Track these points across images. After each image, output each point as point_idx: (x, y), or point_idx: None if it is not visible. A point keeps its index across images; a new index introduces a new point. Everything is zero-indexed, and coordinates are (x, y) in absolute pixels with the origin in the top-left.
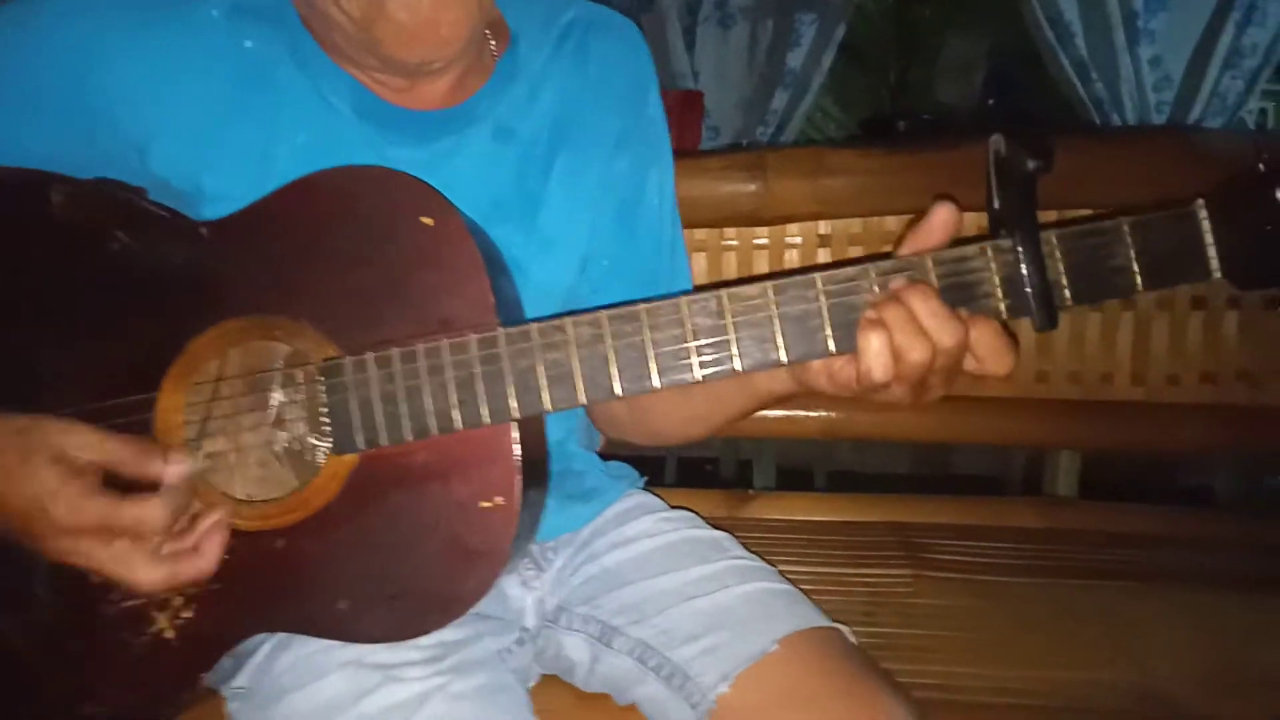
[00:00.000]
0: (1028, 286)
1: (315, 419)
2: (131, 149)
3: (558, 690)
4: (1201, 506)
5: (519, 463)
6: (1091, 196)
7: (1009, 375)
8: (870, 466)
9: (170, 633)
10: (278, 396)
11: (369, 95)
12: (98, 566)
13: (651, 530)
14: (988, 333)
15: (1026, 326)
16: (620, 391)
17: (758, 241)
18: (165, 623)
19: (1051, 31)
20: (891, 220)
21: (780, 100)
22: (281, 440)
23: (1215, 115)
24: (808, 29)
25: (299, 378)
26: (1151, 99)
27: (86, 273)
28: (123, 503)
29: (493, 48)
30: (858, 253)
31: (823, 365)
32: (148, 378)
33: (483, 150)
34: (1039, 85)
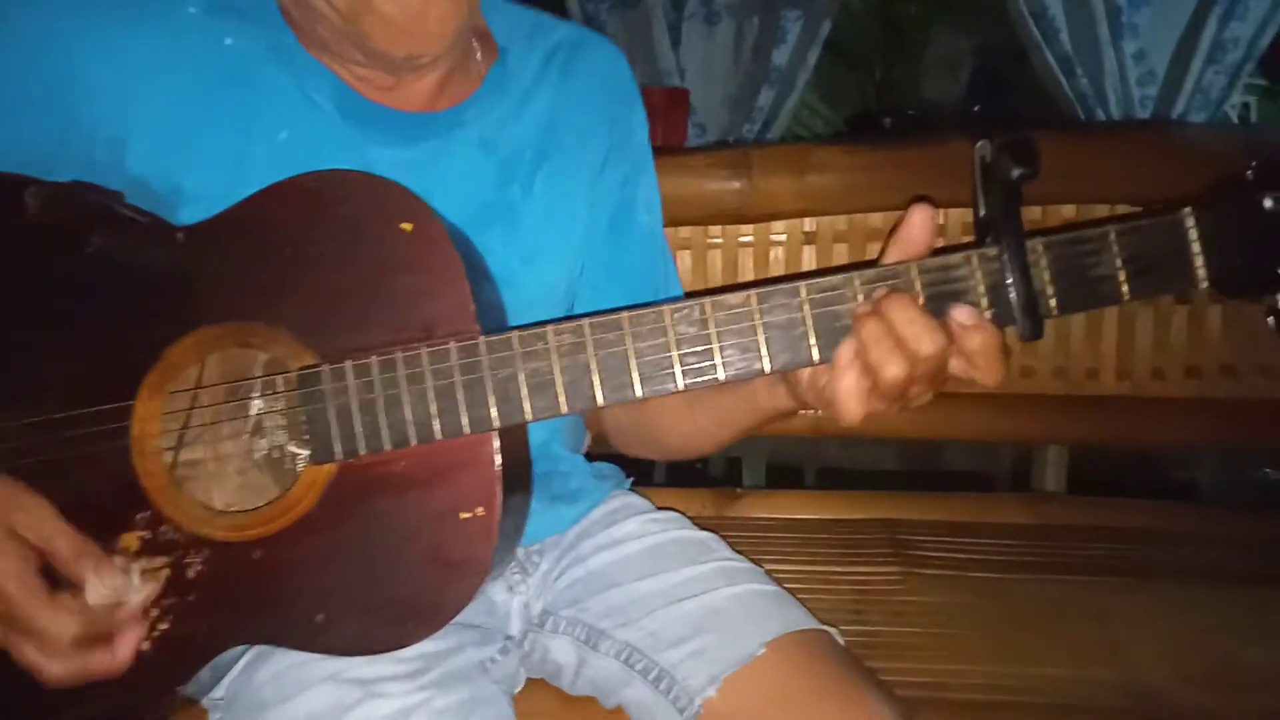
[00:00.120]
0: (1013, 295)
1: (295, 427)
2: (107, 149)
3: (543, 694)
4: (1188, 500)
5: (500, 472)
6: (1077, 192)
7: None
8: (859, 463)
9: (146, 644)
10: (257, 404)
11: (352, 93)
12: (6, 646)
13: (638, 532)
14: (991, 343)
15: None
16: (602, 401)
17: (743, 239)
18: (142, 633)
19: (1036, 27)
20: (876, 217)
21: (766, 97)
22: (261, 448)
23: (1199, 110)
24: (793, 26)
25: (278, 385)
26: (1135, 94)
27: (61, 278)
28: (34, 606)
29: (479, 59)
30: (843, 249)
31: (811, 379)
32: (124, 385)
33: (466, 157)
34: (1024, 81)
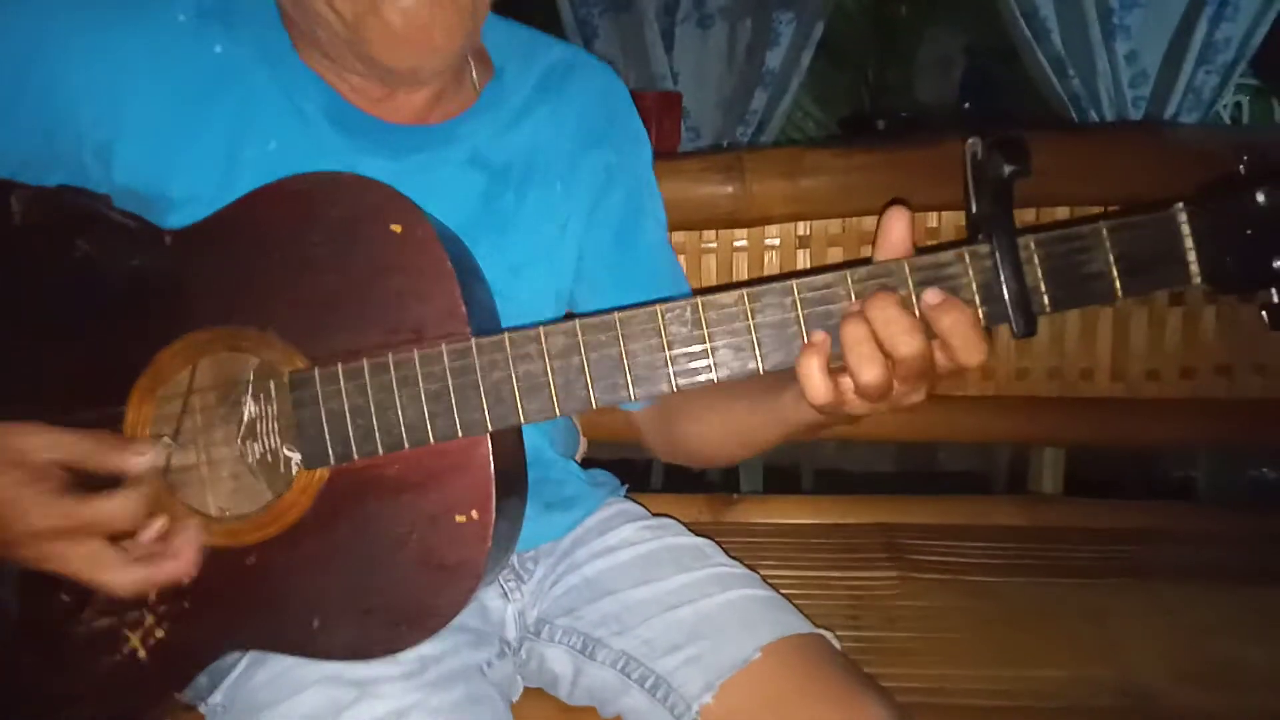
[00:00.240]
0: (1005, 293)
1: (288, 431)
2: (95, 155)
3: (542, 704)
4: (1185, 500)
5: (494, 475)
6: (1070, 194)
7: (989, 372)
8: (856, 465)
9: (143, 652)
10: (249, 409)
11: (343, 103)
12: (72, 571)
13: (633, 539)
14: (961, 322)
15: (1005, 327)
16: (595, 403)
17: (737, 244)
18: (137, 642)
19: (1028, 28)
20: (870, 220)
21: (760, 100)
22: (254, 452)
23: (1191, 110)
24: (786, 28)
25: (270, 389)
26: (1128, 95)
27: (49, 283)
28: (87, 500)
29: (475, 76)
30: (837, 253)
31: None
32: (114, 391)
33: (455, 172)
34: (1016, 82)
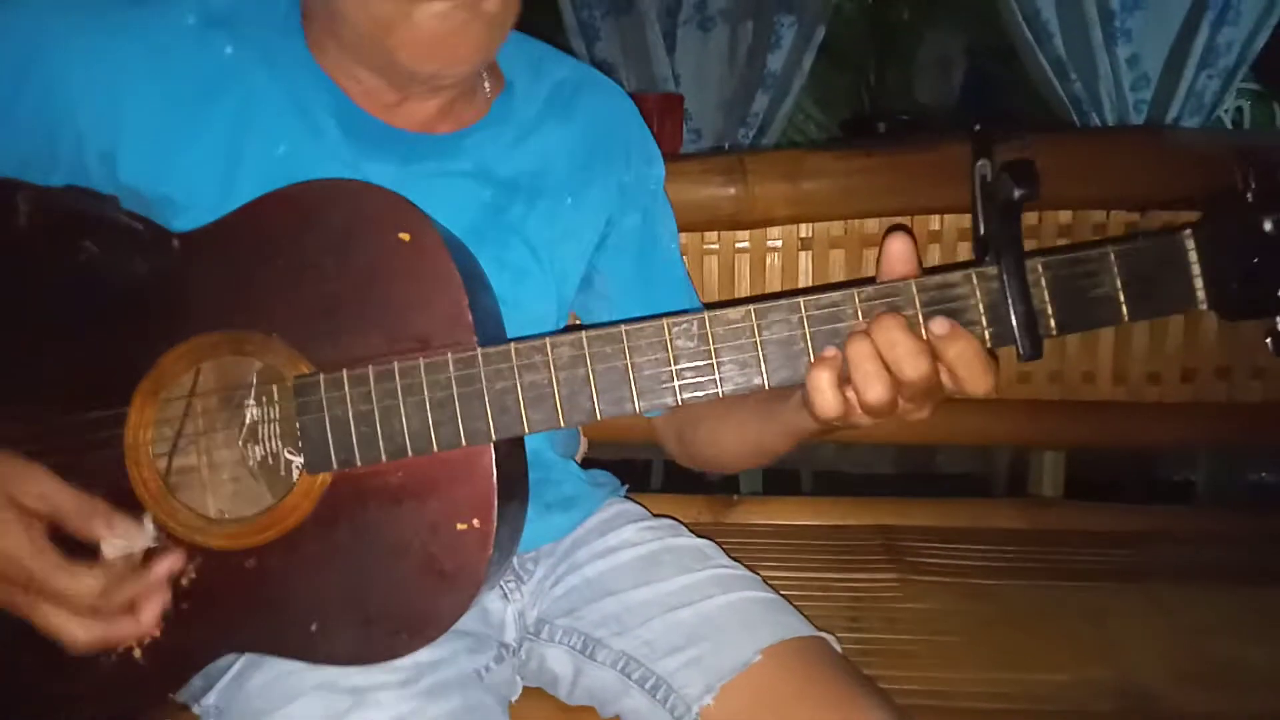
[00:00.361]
0: (1012, 315)
1: (292, 435)
2: (99, 158)
3: (541, 704)
4: (1184, 503)
5: (496, 484)
6: (1072, 197)
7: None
8: (855, 467)
9: (138, 652)
10: (251, 412)
11: (353, 107)
12: (29, 618)
13: (633, 539)
14: (968, 353)
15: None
16: (600, 414)
17: (739, 245)
18: (133, 642)
19: (1029, 31)
20: (873, 223)
21: (761, 102)
22: (255, 456)
23: (1192, 114)
24: (787, 31)
25: (273, 394)
26: (1129, 98)
27: (55, 283)
28: (56, 569)
29: (486, 89)
30: (839, 255)
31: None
32: (117, 393)
33: (461, 183)
34: (1017, 85)
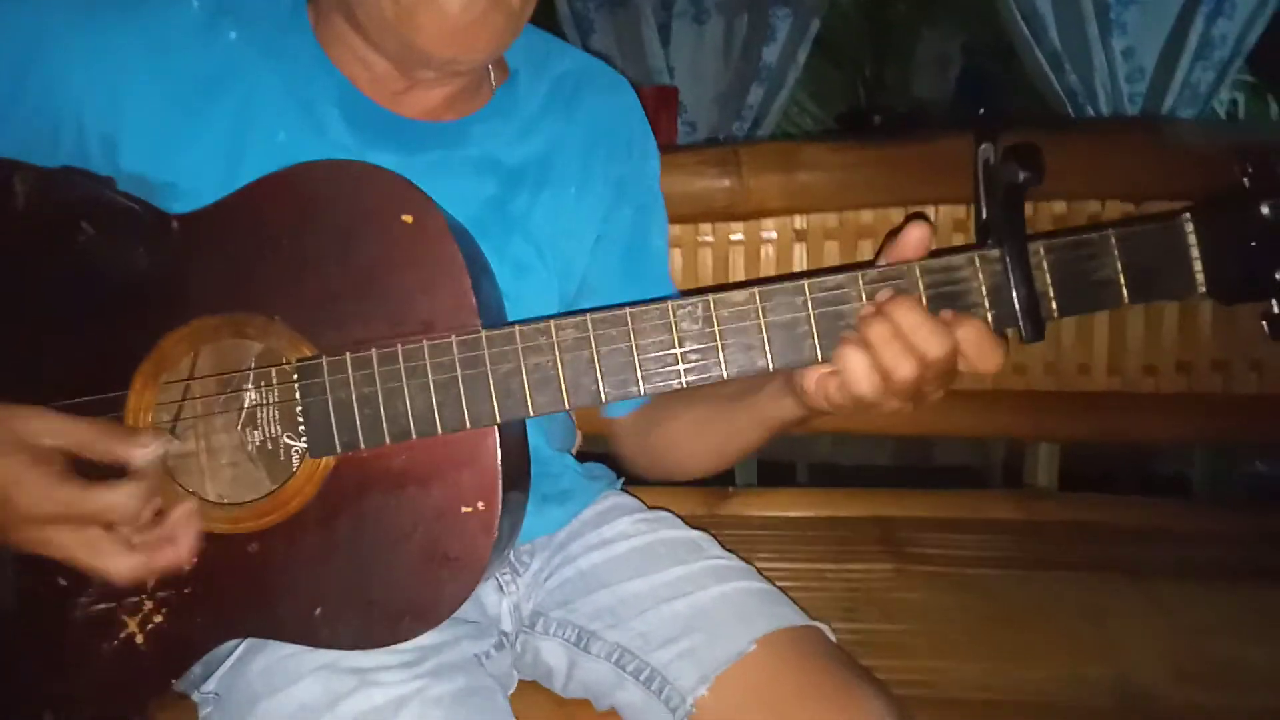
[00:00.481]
0: (1015, 298)
1: (291, 418)
2: (100, 144)
3: (536, 697)
4: (1179, 496)
5: (501, 467)
6: (1067, 189)
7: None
8: (851, 459)
9: (140, 638)
10: (251, 396)
11: (357, 95)
12: (68, 557)
13: (628, 532)
14: (974, 333)
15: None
16: (605, 397)
17: (734, 237)
18: (135, 627)
19: (1025, 24)
20: (867, 214)
21: (756, 95)
22: (254, 440)
23: (1187, 106)
24: (782, 23)
25: (273, 377)
26: (1125, 90)
27: (53, 265)
28: (90, 489)
29: (491, 78)
30: (834, 247)
31: (817, 386)
32: (117, 375)
33: (464, 173)
34: (1013, 79)
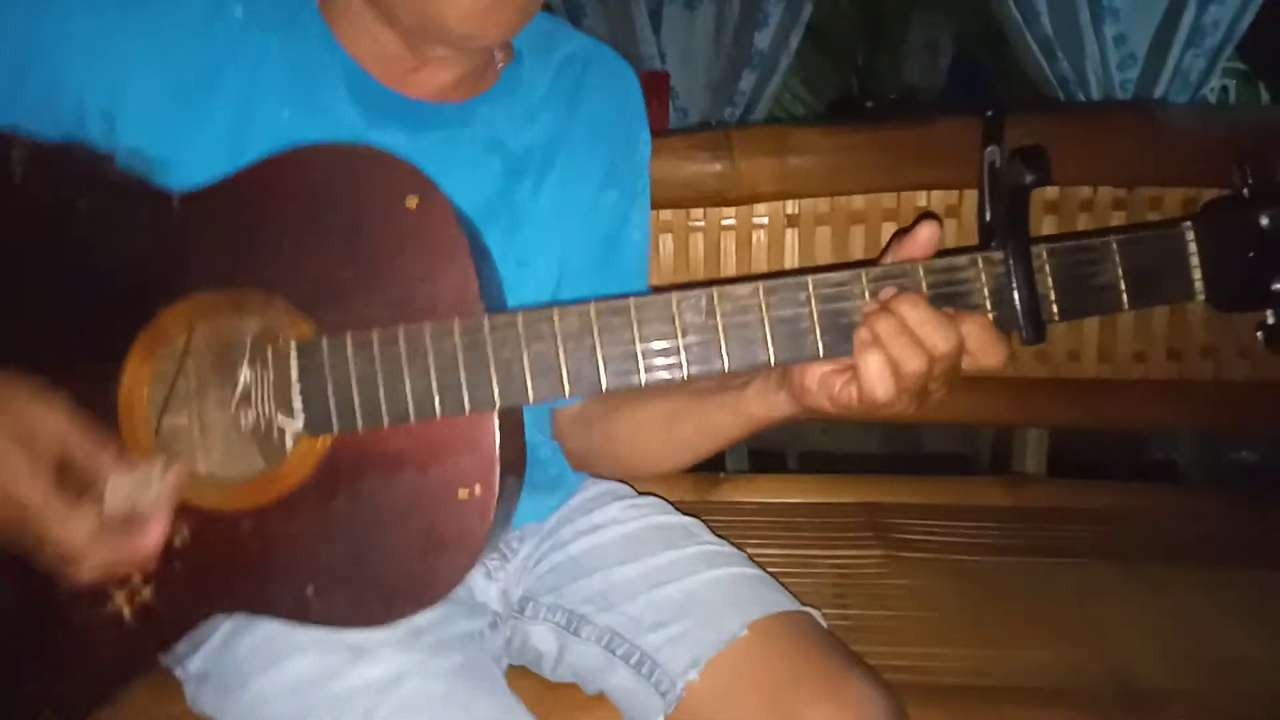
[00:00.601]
0: (1017, 300)
1: (285, 398)
2: (100, 118)
3: (524, 681)
4: (1166, 482)
5: (499, 452)
6: (1059, 173)
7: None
8: (841, 446)
9: (128, 612)
10: (245, 373)
11: (364, 74)
12: (31, 546)
13: (619, 517)
14: (976, 329)
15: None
16: (606, 386)
17: (725, 222)
18: (123, 602)
19: (1016, 9)
20: (859, 199)
21: (748, 81)
22: (248, 417)
23: (1179, 93)
24: (774, 8)
25: (269, 355)
26: (1116, 77)
27: (51, 236)
28: (55, 505)
29: (497, 58)
30: (825, 233)
31: (821, 386)
32: (113, 347)
33: (471, 155)
34: (1004, 66)
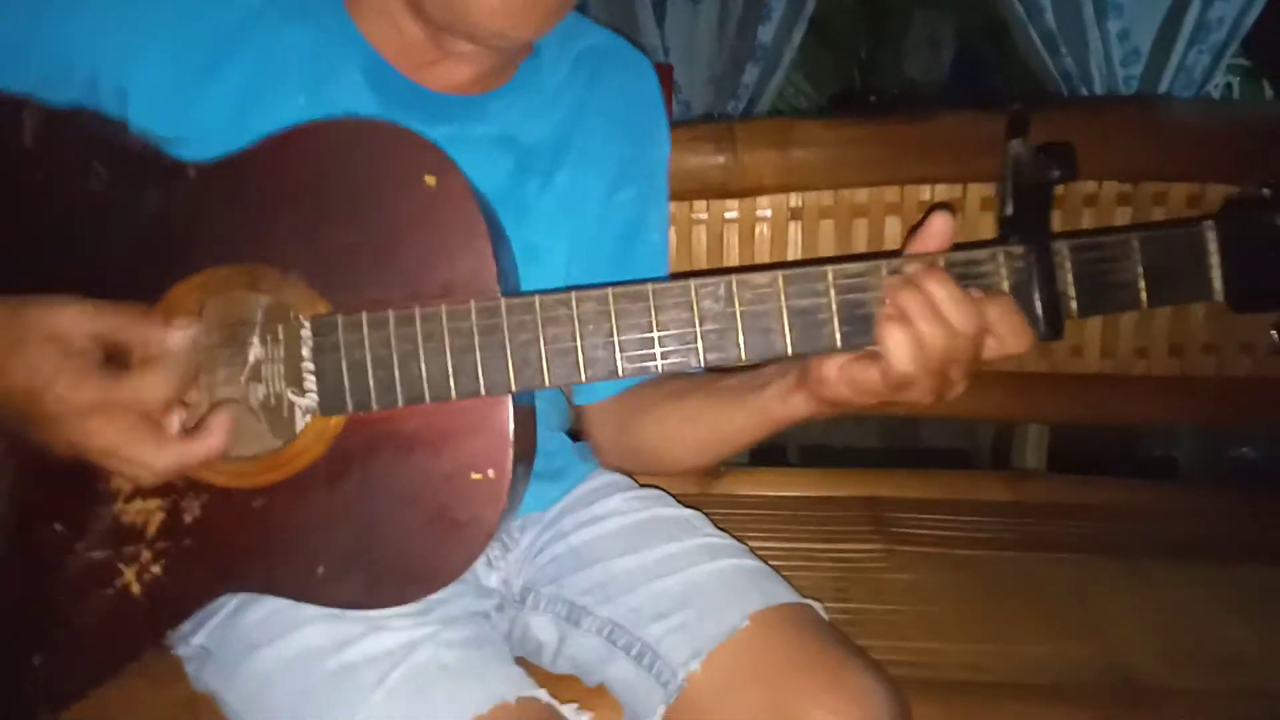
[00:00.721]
0: (1037, 296)
1: (296, 375)
2: (114, 95)
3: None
4: (1166, 478)
5: (512, 436)
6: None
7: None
8: (841, 440)
9: (137, 588)
10: (256, 350)
11: (381, 62)
12: (104, 448)
13: (620, 509)
14: (1001, 310)
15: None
16: (622, 373)
17: (728, 215)
18: (132, 577)
19: (1020, 5)
20: (862, 193)
21: (751, 75)
22: (257, 395)
23: (1182, 90)
24: (778, 2)
25: (280, 331)
26: (1120, 73)
27: (62, 206)
28: (123, 376)
29: (517, 55)
30: (829, 226)
31: (840, 373)
32: None
33: (483, 148)
34: (1007, 60)
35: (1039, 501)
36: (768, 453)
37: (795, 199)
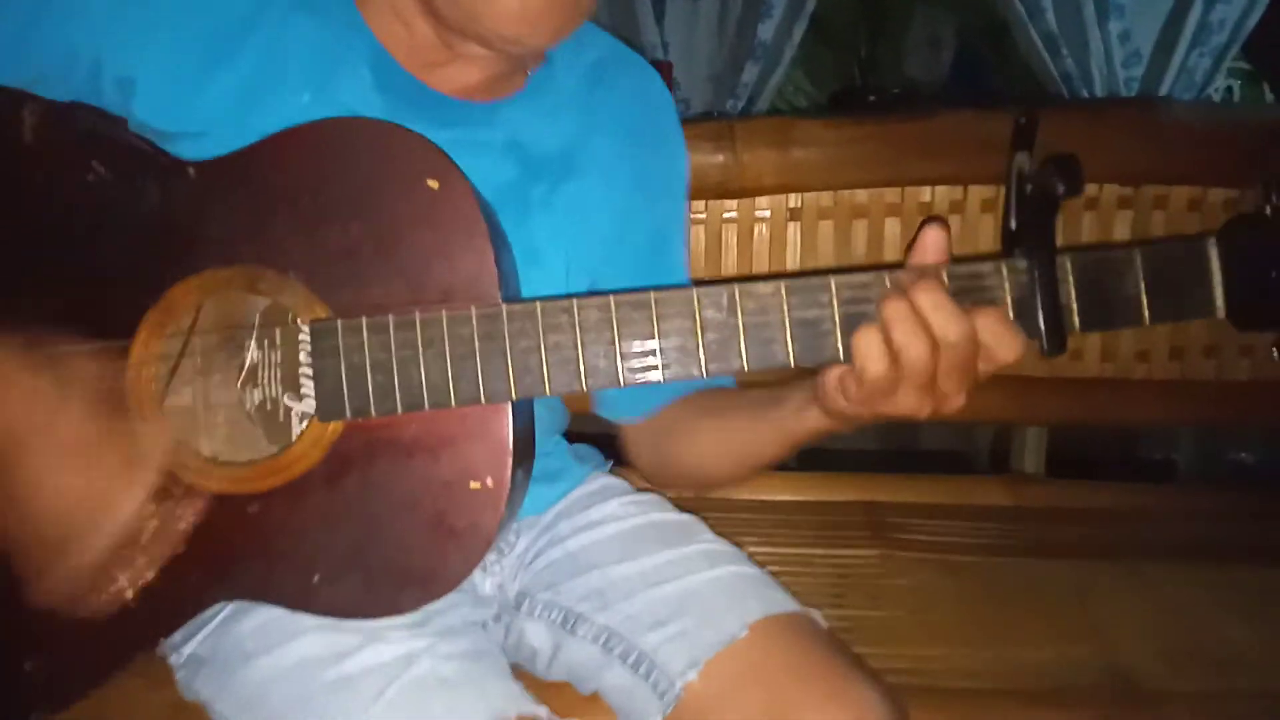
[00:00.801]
0: (1040, 310)
1: (293, 379)
2: (117, 87)
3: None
4: (1165, 481)
5: (512, 444)
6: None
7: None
8: (839, 443)
9: (130, 594)
10: (253, 354)
11: (391, 62)
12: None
13: (617, 514)
14: (990, 320)
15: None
16: (623, 381)
17: (727, 216)
18: (126, 583)
19: (1021, 5)
20: (862, 193)
21: (751, 73)
22: (253, 399)
23: (1183, 92)
24: (778, 1)
25: (278, 335)
26: (1120, 75)
27: (60, 204)
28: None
29: (529, 63)
30: (828, 227)
31: (836, 383)
32: (123, 323)
33: (490, 155)
34: (1007, 60)
35: (1038, 506)
36: None
37: (794, 199)
